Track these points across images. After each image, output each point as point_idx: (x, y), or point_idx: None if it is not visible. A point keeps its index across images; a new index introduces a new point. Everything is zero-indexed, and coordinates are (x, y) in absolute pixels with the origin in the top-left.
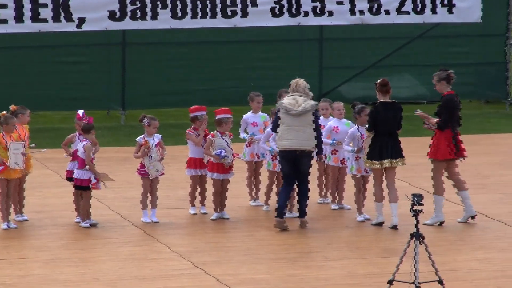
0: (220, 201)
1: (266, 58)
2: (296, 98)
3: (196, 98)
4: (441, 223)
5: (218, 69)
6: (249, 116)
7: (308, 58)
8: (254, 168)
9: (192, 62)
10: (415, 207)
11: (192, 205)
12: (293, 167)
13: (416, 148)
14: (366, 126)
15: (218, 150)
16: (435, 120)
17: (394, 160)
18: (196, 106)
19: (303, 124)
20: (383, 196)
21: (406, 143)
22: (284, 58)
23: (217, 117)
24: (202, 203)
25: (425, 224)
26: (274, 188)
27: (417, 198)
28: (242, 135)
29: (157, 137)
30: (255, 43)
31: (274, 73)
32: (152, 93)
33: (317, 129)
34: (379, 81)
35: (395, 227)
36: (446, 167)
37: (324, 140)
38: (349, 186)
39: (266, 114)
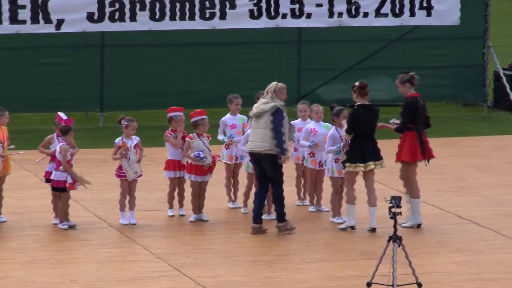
0: (198, 203)
1: (244, 60)
2: (260, 101)
3: (175, 100)
4: (419, 226)
5: (197, 71)
6: (227, 118)
7: (287, 60)
8: (232, 170)
9: (170, 64)
10: (393, 210)
11: (170, 207)
12: (261, 169)
13: (393, 151)
14: (345, 128)
15: (197, 152)
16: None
17: (377, 162)
18: (172, 107)
19: (259, 126)
20: (355, 197)
21: (383, 145)
22: (263, 60)
23: (192, 119)
24: (181, 205)
25: (403, 227)
26: (253, 191)
27: (395, 201)
28: (220, 137)
29: (136, 139)
30: (233, 45)
31: (253, 75)
32: (130, 95)
33: (276, 130)
34: (357, 83)
35: (373, 230)
36: (409, 169)
37: (302, 142)
38: (327, 188)
39: (244, 116)
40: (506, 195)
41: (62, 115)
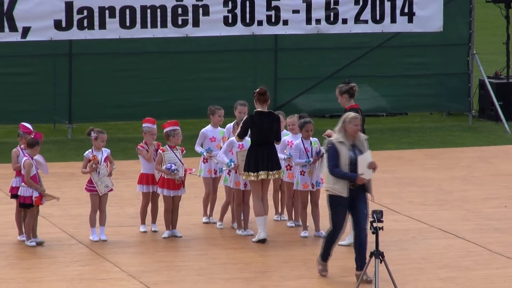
0: (171, 219)
1: (219, 68)
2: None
3: (147, 110)
4: None
5: (169, 81)
6: (208, 130)
7: (263, 69)
8: (211, 184)
9: (142, 73)
10: (375, 224)
11: (143, 222)
12: None
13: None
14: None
15: (168, 164)
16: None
17: (271, 172)
18: (145, 119)
19: None
20: (263, 209)
21: None
22: (238, 68)
23: (164, 130)
24: (153, 220)
25: (340, 245)
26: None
27: (377, 215)
28: (198, 149)
29: (106, 152)
30: (207, 53)
31: (228, 84)
32: (100, 106)
33: (329, 170)
34: (257, 89)
35: (261, 241)
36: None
37: (279, 155)
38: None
39: (224, 129)
40: (491, 208)
41: (27, 125)
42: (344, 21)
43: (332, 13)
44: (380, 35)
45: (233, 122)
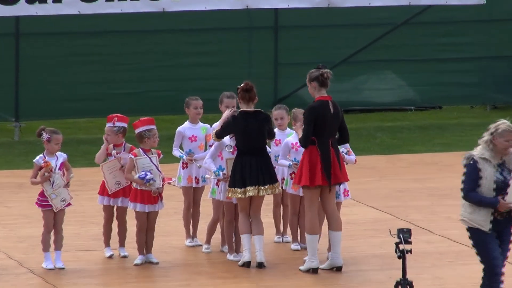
0: (146, 241)
1: (204, 52)
2: None
3: (114, 105)
4: (338, 268)
5: (142, 67)
6: (186, 127)
7: (259, 52)
8: (192, 197)
9: (107, 58)
10: (401, 247)
11: (107, 245)
12: None
13: (401, 169)
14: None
15: (142, 173)
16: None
17: (262, 187)
18: (112, 115)
19: None
20: (249, 226)
21: (390, 162)
22: (228, 52)
23: (136, 130)
24: (122, 243)
25: (322, 269)
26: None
27: (404, 235)
28: (176, 152)
29: (61, 157)
30: (189, 33)
31: (216, 72)
32: (54, 99)
33: (463, 196)
34: (242, 85)
35: (260, 266)
36: (320, 196)
37: (281, 161)
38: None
39: (208, 126)
40: None
41: None
42: None
43: None
44: (406, 9)
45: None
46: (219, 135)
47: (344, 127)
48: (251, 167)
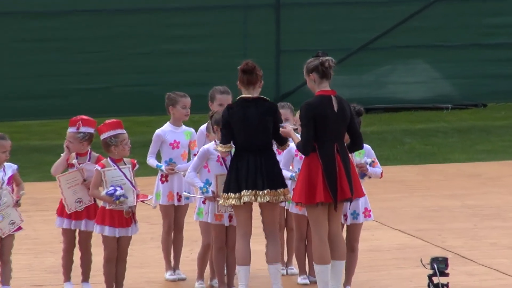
0: (115, 273)
1: (190, 36)
2: None
3: (75, 103)
4: None
5: (111, 56)
6: (166, 131)
7: (258, 37)
8: (174, 218)
9: (67, 45)
10: (435, 280)
11: (68, 279)
12: None
13: (436, 183)
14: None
15: (112, 188)
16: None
17: (260, 193)
18: (77, 118)
19: None
20: (249, 254)
21: (421, 174)
22: (220, 36)
23: (102, 136)
24: (85, 277)
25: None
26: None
27: (439, 265)
28: (152, 161)
29: (10, 168)
30: (170, 13)
31: (203, 62)
32: (0, 97)
33: None
34: (241, 65)
35: None
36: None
37: (283, 172)
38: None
39: (192, 130)
40: None
41: None
42: None
43: None
44: None
45: (207, 122)
46: (224, 140)
47: (354, 129)
48: (249, 168)
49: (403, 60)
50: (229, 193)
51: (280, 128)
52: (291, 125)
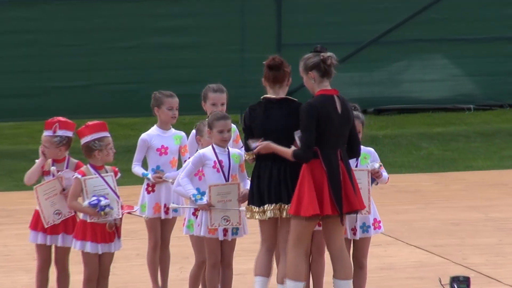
0: None
1: (179, 28)
2: None
3: (51, 104)
4: None
5: (91, 51)
6: (153, 135)
7: (257, 29)
8: (161, 232)
9: (41, 37)
10: None
11: None
12: None
13: (456, 193)
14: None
15: (94, 198)
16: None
17: (287, 206)
18: (53, 120)
19: None
20: (270, 268)
21: (440, 182)
22: (213, 29)
23: (82, 140)
24: None
25: None
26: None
27: (460, 285)
28: (138, 169)
29: None
30: (159, 3)
31: (195, 57)
32: None
33: None
34: (268, 60)
35: None
36: (325, 230)
37: None
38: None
39: (182, 133)
40: None
41: None
42: None
43: None
44: None
45: (198, 123)
46: (247, 147)
47: (353, 135)
48: (272, 178)
49: (420, 55)
50: (252, 206)
51: (254, 146)
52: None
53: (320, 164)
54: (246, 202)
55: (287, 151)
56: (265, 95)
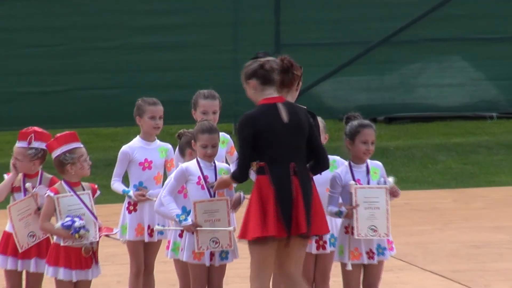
0: None
1: (164, 27)
2: None
3: (20, 112)
4: None
5: (64, 52)
6: (135, 147)
7: (252, 27)
8: (144, 257)
9: (8, 37)
10: None
11: None
12: None
13: (478, 212)
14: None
15: (68, 218)
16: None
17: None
18: (29, 130)
19: None
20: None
21: (459, 200)
22: (203, 27)
23: (54, 154)
24: None
25: None
26: None
27: None
28: (118, 186)
29: None
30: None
31: (183, 59)
32: None
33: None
34: (278, 59)
35: None
36: (276, 254)
37: (330, 208)
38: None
39: (168, 146)
40: None
41: None
42: None
43: None
44: None
45: (180, 131)
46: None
47: (315, 144)
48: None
49: (436, 57)
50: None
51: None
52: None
53: (268, 181)
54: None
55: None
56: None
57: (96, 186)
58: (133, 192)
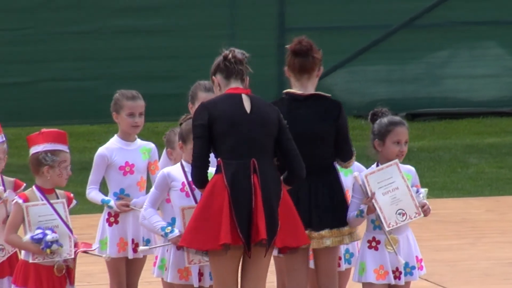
0: None
1: (150, 10)
2: None
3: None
4: None
5: (34, 38)
6: (113, 148)
7: (253, 10)
8: (126, 275)
9: None
10: None
11: None
12: None
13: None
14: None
15: (38, 232)
16: None
17: (316, 234)
18: None
19: None
20: None
21: (494, 210)
22: (197, 8)
23: (34, 149)
24: None
25: None
26: None
27: None
28: (96, 195)
29: None
30: None
31: (173, 46)
32: None
33: None
34: (292, 43)
35: None
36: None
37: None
38: None
39: (151, 145)
40: None
41: None
42: None
43: None
44: None
45: (168, 132)
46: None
47: (288, 149)
48: (299, 198)
49: (467, 43)
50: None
51: None
52: None
53: (222, 180)
54: None
55: None
56: (288, 90)
57: (72, 195)
58: (114, 202)
